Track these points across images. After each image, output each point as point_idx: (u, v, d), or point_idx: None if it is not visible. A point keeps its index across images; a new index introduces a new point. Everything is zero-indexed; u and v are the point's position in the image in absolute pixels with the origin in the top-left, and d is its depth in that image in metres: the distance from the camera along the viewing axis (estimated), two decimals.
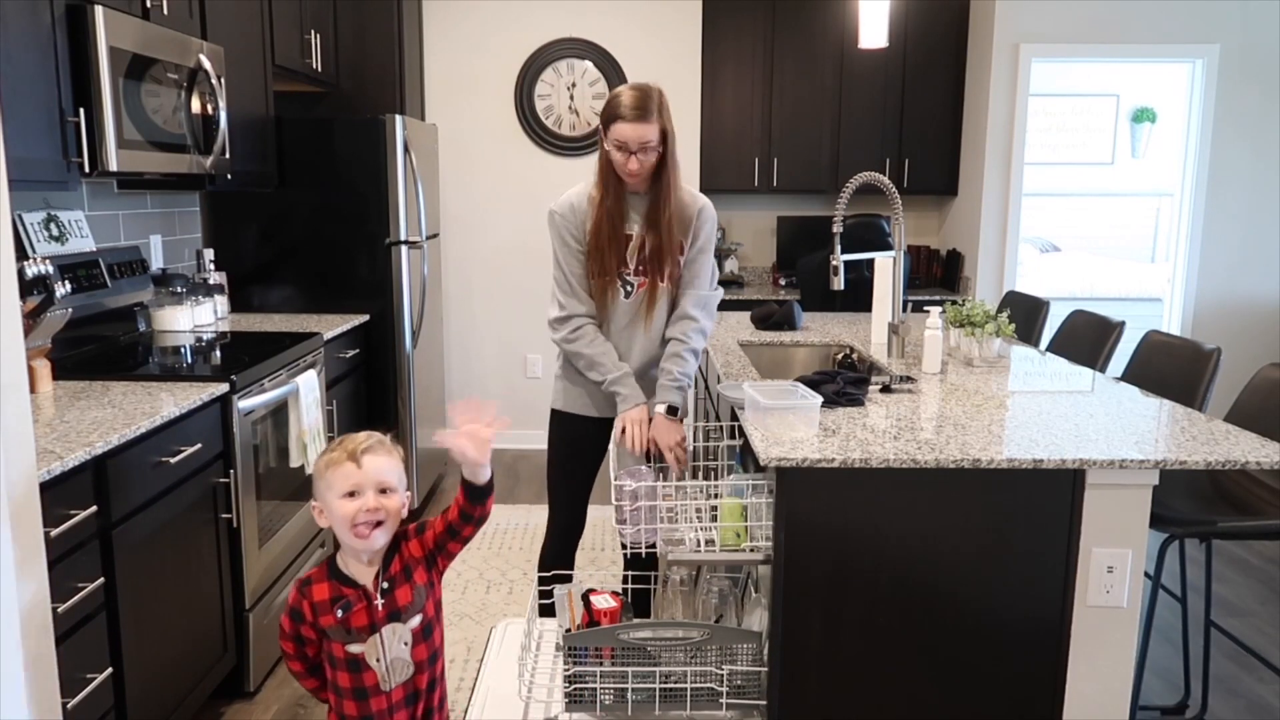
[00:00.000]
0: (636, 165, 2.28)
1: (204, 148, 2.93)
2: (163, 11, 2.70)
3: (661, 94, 2.30)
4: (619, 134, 2.26)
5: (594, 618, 2.02)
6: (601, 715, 1.95)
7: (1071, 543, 1.90)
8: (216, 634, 2.54)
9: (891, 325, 2.91)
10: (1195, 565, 3.48)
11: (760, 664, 1.94)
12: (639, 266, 2.40)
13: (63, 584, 1.81)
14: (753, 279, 5.62)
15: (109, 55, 2.39)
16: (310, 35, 3.94)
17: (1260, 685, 2.84)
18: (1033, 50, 4.84)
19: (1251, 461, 1.87)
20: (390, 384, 3.99)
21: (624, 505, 2.07)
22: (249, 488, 2.67)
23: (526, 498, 4.45)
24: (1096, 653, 1.95)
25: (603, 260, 2.37)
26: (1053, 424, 2.09)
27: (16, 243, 2.24)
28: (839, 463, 1.83)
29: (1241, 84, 4.91)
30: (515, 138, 5.00)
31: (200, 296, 3.42)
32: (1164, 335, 2.85)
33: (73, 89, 2.34)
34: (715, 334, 3.32)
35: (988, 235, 5.02)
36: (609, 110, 2.28)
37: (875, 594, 1.91)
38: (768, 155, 5.20)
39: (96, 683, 1.93)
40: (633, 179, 2.32)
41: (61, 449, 1.87)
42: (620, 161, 2.28)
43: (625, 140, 2.25)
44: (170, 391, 2.39)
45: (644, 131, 2.25)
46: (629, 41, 4.93)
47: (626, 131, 2.24)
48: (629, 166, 2.28)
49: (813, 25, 5.10)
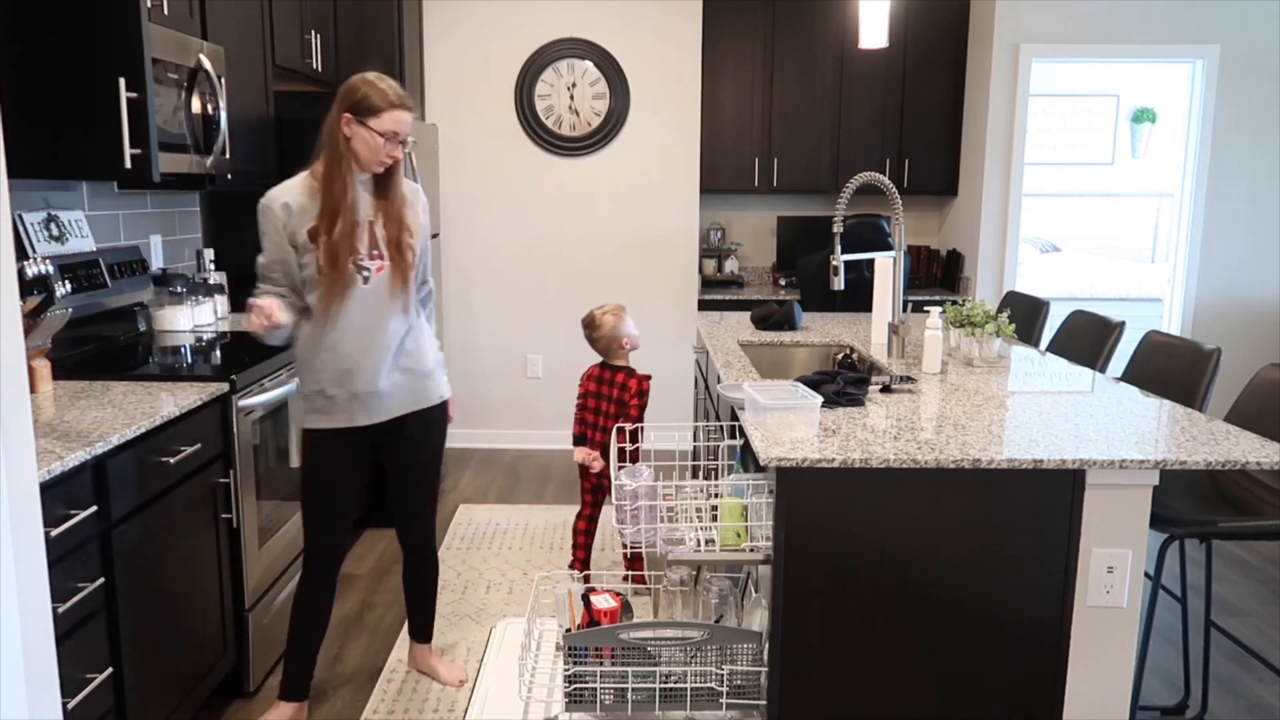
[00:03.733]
0: (401, 154, 2.35)
1: (204, 148, 2.93)
2: (163, 11, 2.70)
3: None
4: (395, 120, 2.30)
5: (594, 618, 2.03)
6: (601, 715, 1.95)
7: (1071, 543, 1.90)
8: (216, 634, 2.54)
9: (891, 325, 2.91)
10: (1195, 565, 3.48)
11: (760, 664, 1.94)
12: (374, 251, 2.39)
13: (63, 584, 1.81)
14: (753, 279, 5.62)
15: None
16: (310, 35, 3.94)
17: (1260, 685, 2.84)
18: (1033, 50, 4.84)
19: (1251, 461, 1.87)
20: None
21: (625, 505, 2.07)
22: (249, 488, 2.67)
23: (526, 498, 4.45)
24: (1096, 653, 1.95)
25: (336, 251, 2.32)
26: (1053, 424, 2.09)
27: (16, 243, 2.24)
28: (839, 463, 1.83)
29: (1241, 84, 4.91)
30: (515, 138, 5.00)
31: (200, 296, 3.42)
32: (1164, 335, 2.85)
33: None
34: (715, 334, 3.31)
35: (988, 235, 5.02)
36: (377, 98, 2.30)
37: (875, 594, 1.91)
38: (768, 155, 5.20)
39: (96, 683, 1.93)
40: (384, 167, 2.36)
41: (61, 449, 1.87)
42: (385, 149, 2.32)
43: (399, 127, 2.31)
44: (170, 391, 2.39)
45: (410, 119, 2.34)
46: (629, 41, 4.93)
47: (402, 118, 2.31)
48: (396, 154, 2.34)
49: (813, 25, 5.10)
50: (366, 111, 2.30)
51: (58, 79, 2.43)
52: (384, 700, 2.72)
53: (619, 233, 5.09)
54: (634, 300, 5.10)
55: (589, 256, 5.09)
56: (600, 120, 4.97)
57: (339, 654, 3.00)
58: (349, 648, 3.04)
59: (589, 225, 5.07)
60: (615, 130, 4.99)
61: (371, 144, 2.31)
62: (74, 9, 2.40)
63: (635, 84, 4.96)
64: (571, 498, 4.39)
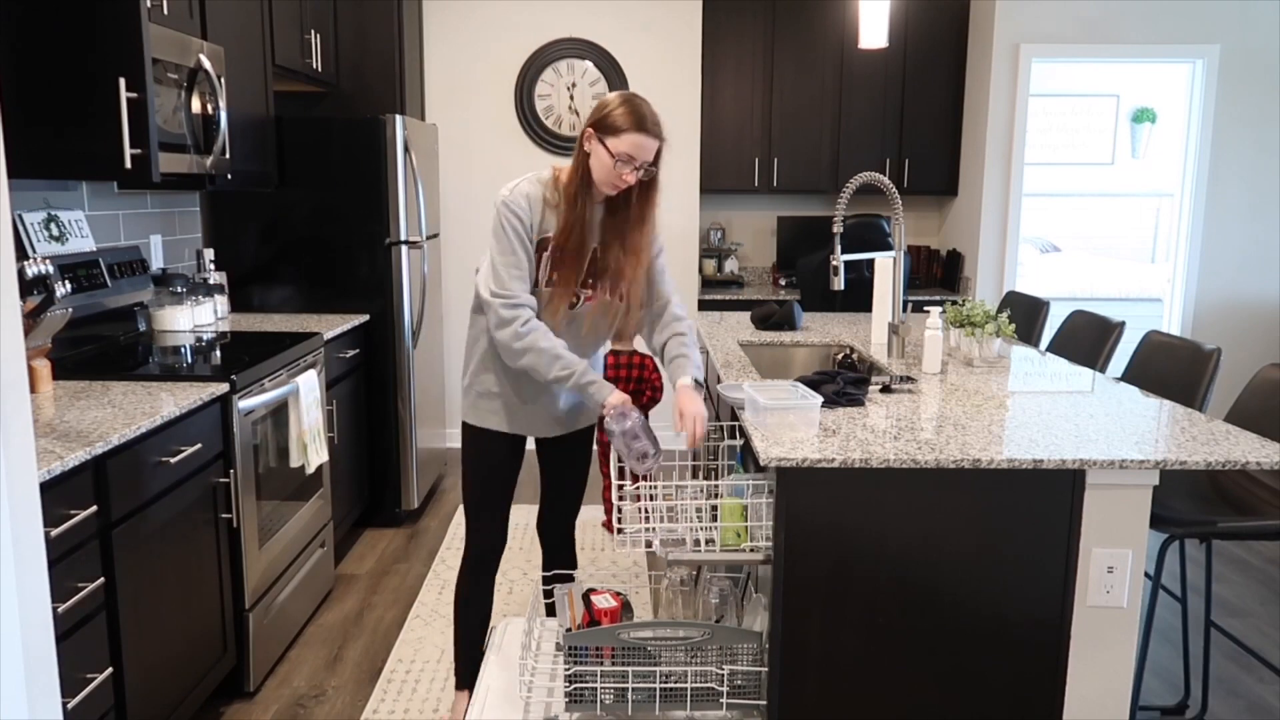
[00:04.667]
0: (633, 178, 2.17)
1: (204, 148, 2.93)
2: (163, 11, 2.70)
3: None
4: (633, 145, 2.13)
5: (594, 617, 2.03)
6: (601, 715, 1.95)
7: (1071, 543, 1.90)
8: (216, 634, 2.54)
9: (891, 325, 2.91)
10: (1195, 565, 3.48)
11: (760, 664, 1.94)
12: (589, 280, 2.27)
13: (63, 584, 1.81)
14: (753, 279, 5.62)
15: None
16: (310, 35, 3.94)
17: (1260, 685, 2.84)
18: (1033, 50, 4.84)
19: (1251, 461, 1.87)
20: (390, 384, 3.99)
21: (624, 505, 2.07)
22: (249, 488, 2.67)
23: (526, 497, 4.45)
24: (1096, 653, 1.95)
25: (561, 269, 2.23)
26: (1053, 424, 2.09)
27: (16, 243, 2.24)
28: (839, 463, 1.83)
29: (1241, 84, 4.91)
30: (515, 138, 5.00)
31: (200, 296, 3.42)
32: (1164, 335, 2.85)
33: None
34: (715, 334, 3.32)
35: (988, 235, 5.02)
36: (620, 118, 2.14)
37: (875, 594, 1.91)
38: (768, 155, 5.20)
39: (96, 683, 1.93)
40: (615, 191, 2.21)
41: (61, 449, 1.87)
42: (618, 172, 2.15)
43: (637, 153, 2.14)
44: (170, 391, 2.39)
45: (655, 147, 2.17)
46: (629, 41, 4.93)
47: (643, 144, 2.14)
48: (629, 178, 2.17)
49: (813, 25, 5.10)
50: (609, 129, 2.14)
51: (58, 79, 2.43)
52: (384, 700, 2.72)
53: None
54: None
55: None
56: None
57: (339, 654, 3.01)
58: (349, 648, 3.04)
59: None
60: None
61: (605, 164, 2.15)
62: (74, 9, 2.40)
63: (635, 84, 4.95)
64: None
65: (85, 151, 2.46)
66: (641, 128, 2.13)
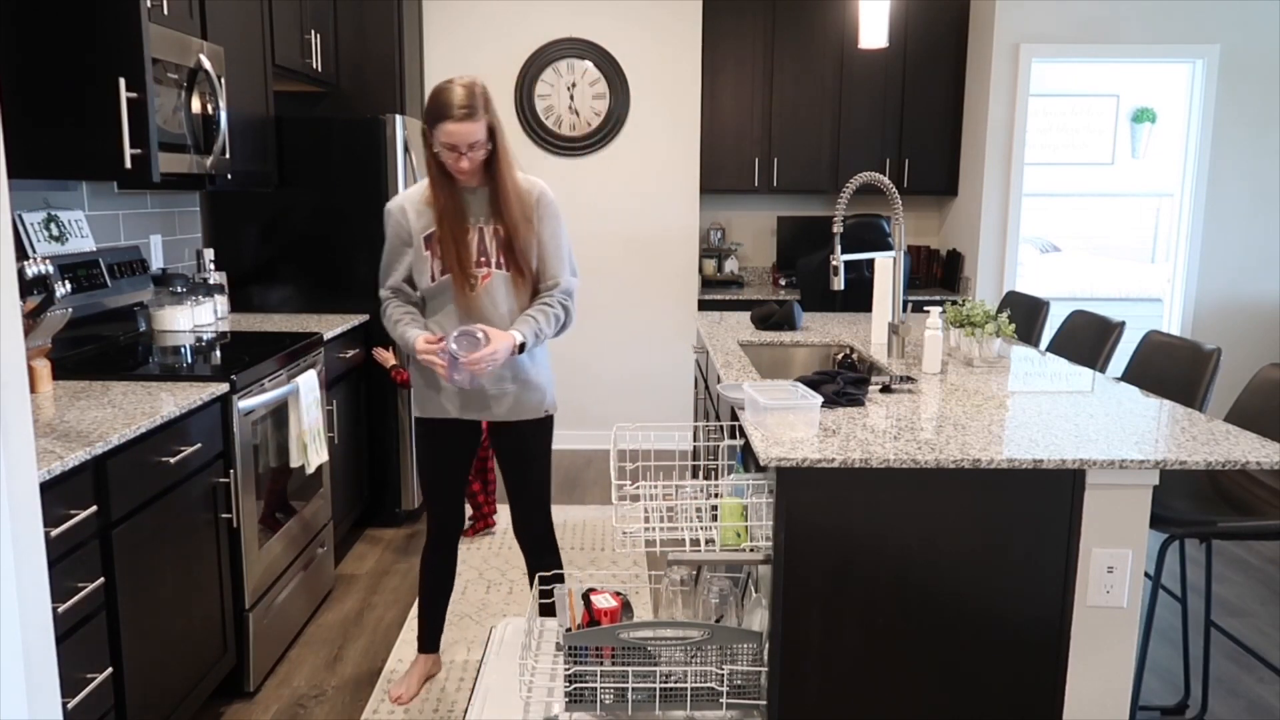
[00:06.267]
0: (468, 164, 2.30)
1: (204, 148, 2.93)
2: (163, 11, 2.70)
3: (485, 89, 2.31)
4: (448, 134, 2.26)
5: (594, 617, 2.03)
6: (601, 715, 1.95)
7: (1071, 543, 1.90)
8: (216, 634, 2.54)
9: (891, 325, 2.91)
10: (1195, 565, 3.48)
11: (760, 664, 1.94)
12: (481, 259, 2.42)
13: (63, 584, 1.81)
14: (753, 279, 5.62)
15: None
16: (310, 35, 3.94)
17: (1260, 685, 2.84)
18: (1033, 50, 4.84)
19: (1251, 461, 1.87)
20: (390, 384, 3.99)
21: (624, 505, 2.07)
22: (249, 488, 2.67)
23: None
24: (1096, 653, 1.95)
25: (448, 256, 2.39)
26: (1053, 424, 2.09)
27: (16, 243, 2.24)
28: (839, 463, 1.83)
29: (1241, 84, 4.91)
30: (515, 138, 4.99)
31: (200, 296, 3.42)
32: (1164, 335, 2.85)
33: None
34: (715, 334, 3.31)
35: (988, 235, 5.02)
36: (434, 111, 2.27)
37: (875, 594, 1.91)
38: (768, 155, 5.20)
39: (96, 683, 1.93)
40: (464, 176, 2.35)
41: (61, 449, 1.87)
42: (451, 161, 2.31)
43: (455, 140, 2.27)
44: (170, 391, 2.39)
45: (472, 130, 2.27)
46: (629, 41, 4.93)
47: (455, 131, 2.26)
48: (460, 165, 2.30)
49: (813, 25, 5.10)
50: (430, 123, 2.30)
51: (58, 79, 2.43)
52: (384, 700, 2.72)
53: (619, 232, 5.09)
54: (634, 300, 5.11)
55: (589, 256, 5.09)
56: (600, 120, 4.98)
57: (339, 654, 3.00)
58: (349, 648, 3.04)
59: (589, 225, 5.07)
60: (615, 130, 4.99)
61: (443, 156, 2.32)
62: (74, 9, 2.41)
63: (635, 84, 4.96)
64: (571, 497, 4.39)
65: (85, 151, 2.46)
66: (448, 116, 2.26)
